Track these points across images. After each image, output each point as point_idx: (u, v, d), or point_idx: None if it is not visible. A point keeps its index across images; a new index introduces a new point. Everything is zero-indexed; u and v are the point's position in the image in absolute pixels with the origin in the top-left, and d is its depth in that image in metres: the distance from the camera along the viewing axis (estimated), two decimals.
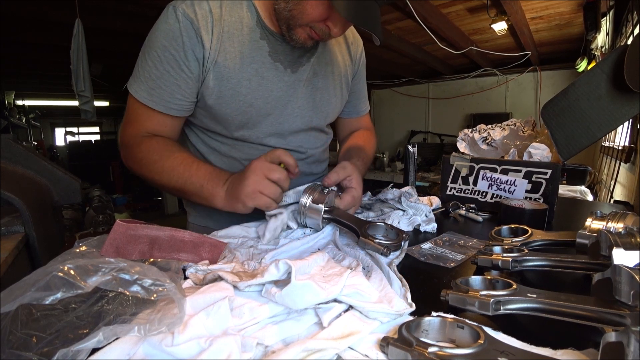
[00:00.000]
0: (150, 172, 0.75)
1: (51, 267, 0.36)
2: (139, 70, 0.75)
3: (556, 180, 0.87)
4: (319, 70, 0.88)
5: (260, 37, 0.77)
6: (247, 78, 0.77)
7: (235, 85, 0.76)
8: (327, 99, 0.91)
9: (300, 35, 0.73)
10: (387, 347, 0.33)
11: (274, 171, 0.65)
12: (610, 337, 0.28)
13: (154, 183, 0.77)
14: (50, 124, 9.63)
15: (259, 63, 0.78)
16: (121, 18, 3.05)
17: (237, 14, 0.75)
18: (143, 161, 0.76)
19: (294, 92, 0.84)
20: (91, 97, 2.89)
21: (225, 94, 0.77)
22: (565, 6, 3.02)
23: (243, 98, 0.78)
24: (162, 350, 0.34)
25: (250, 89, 0.78)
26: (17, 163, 1.21)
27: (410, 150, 1.14)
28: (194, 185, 0.71)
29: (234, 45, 0.75)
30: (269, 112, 0.82)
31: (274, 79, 0.80)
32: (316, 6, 0.68)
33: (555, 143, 0.87)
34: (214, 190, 0.70)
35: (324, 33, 0.72)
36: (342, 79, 0.95)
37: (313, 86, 0.87)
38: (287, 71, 0.81)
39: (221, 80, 0.75)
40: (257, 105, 0.80)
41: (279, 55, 0.80)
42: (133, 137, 0.79)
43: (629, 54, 0.76)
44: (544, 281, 0.54)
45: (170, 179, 0.73)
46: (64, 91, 6.34)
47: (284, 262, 0.43)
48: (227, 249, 0.61)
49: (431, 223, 0.78)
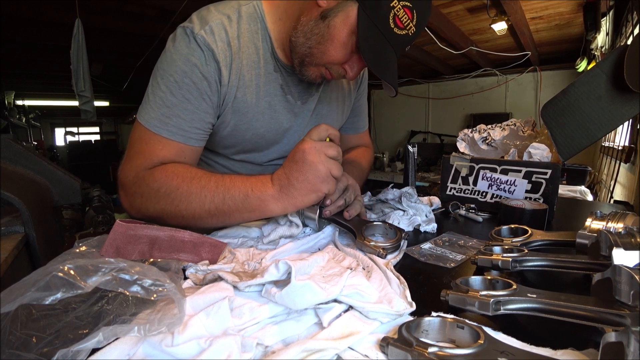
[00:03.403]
0: (172, 201, 0.62)
1: (51, 267, 0.36)
2: (150, 97, 0.67)
3: (556, 180, 0.87)
4: (324, 97, 0.87)
5: (274, 69, 0.75)
6: (261, 112, 0.76)
7: (251, 119, 0.75)
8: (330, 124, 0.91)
9: (313, 73, 0.71)
10: (387, 347, 0.33)
11: (331, 147, 0.60)
12: (610, 337, 0.28)
13: (179, 215, 0.62)
14: (50, 124, 9.63)
15: (271, 96, 0.76)
16: (121, 18, 3.05)
17: (254, 45, 0.72)
18: (161, 191, 0.62)
19: (301, 122, 0.84)
20: (91, 97, 2.90)
21: (241, 127, 0.75)
22: (565, 6, 3.02)
23: (256, 131, 0.77)
24: (162, 350, 0.34)
25: (263, 122, 0.77)
26: (17, 163, 1.21)
27: (410, 150, 1.14)
28: (236, 199, 0.60)
29: (252, 79, 0.72)
30: (277, 141, 0.83)
31: (283, 110, 0.79)
32: (340, 49, 0.66)
33: (555, 143, 0.87)
34: (264, 195, 0.60)
35: (339, 75, 0.70)
36: (344, 102, 0.95)
37: (318, 114, 0.87)
38: (297, 103, 0.81)
39: (238, 114, 0.73)
40: (268, 137, 0.80)
41: (290, 88, 0.78)
42: (142, 169, 0.66)
43: (628, 54, 0.76)
44: (544, 281, 0.54)
45: (203, 201, 0.61)
46: (64, 91, 6.34)
47: (284, 262, 0.43)
48: (227, 249, 0.61)
49: (431, 223, 0.78)
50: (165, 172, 0.63)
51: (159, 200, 0.62)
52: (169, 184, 0.62)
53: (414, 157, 1.14)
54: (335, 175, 0.60)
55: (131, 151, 0.68)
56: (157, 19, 3.08)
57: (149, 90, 0.68)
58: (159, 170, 0.64)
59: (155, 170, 0.65)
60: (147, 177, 0.64)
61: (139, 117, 0.68)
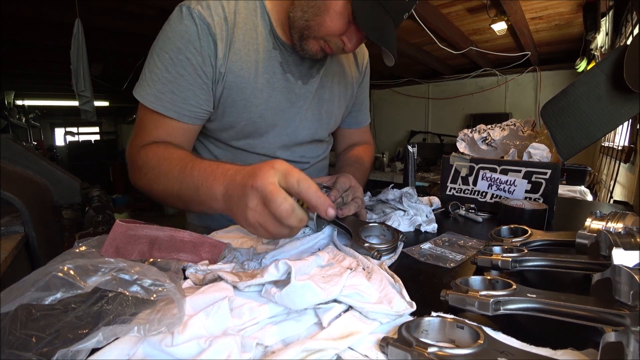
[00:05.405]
0: (148, 180, 0.65)
1: (51, 267, 0.36)
2: (146, 74, 0.69)
3: (556, 180, 0.87)
4: (326, 82, 0.87)
5: (273, 47, 0.75)
6: (260, 89, 0.75)
7: (249, 96, 0.75)
8: (332, 111, 0.91)
9: (313, 47, 0.71)
10: (387, 347, 0.33)
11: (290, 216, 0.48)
12: (610, 337, 0.28)
13: (154, 194, 0.66)
14: (50, 124, 9.61)
15: (270, 73, 0.76)
16: (121, 18, 3.05)
17: (252, 22, 0.73)
18: (142, 169, 0.66)
19: (302, 104, 0.83)
20: (91, 97, 2.90)
21: (238, 104, 0.75)
22: (565, 6, 3.02)
23: (255, 109, 0.76)
24: (161, 350, 0.34)
25: (262, 99, 0.76)
26: (17, 163, 1.21)
27: (410, 150, 1.14)
28: (190, 189, 0.58)
29: (250, 54, 0.73)
30: (277, 123, 0.81)
31: (283, 90, 0.79)
32: (336, 20, 0.66)
33: (555, 143, 0.87)
34: (211, 192, 0.55)
35: (338, 47, 0.70)
36: (347, 90, 0.94)
37: (320, 98, 0.86)
38: (297, 83, 0.80)
39: (236, 90, 0.73)
40: (267, 117, 0.79)
41: (290, 66, 0.78)
42: (136, 147, 0.71)
43: (628, 54, 0.76)
44: (544, 281, 0.54)
45: (167, 184, 0.61)
46: (64, 91, 6.34)
47: (284, 262, 0.43)
48: (227, 249, 0.61)
49: (432, 223, 0.78)
50: (149, 152, 0.68)
51: (141, 177, 0.67)
52: (149, 163, 0.66)
53: (414, 157, 1.14)
54: (269, 233, 0.49)
55: (135, 129, 0.74)
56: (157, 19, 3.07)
57: (145, 68, 0.70)
58: (146, 148, 0.69)
59: (144, 148, 0.69)
60: (138, 155, 0.69)
61: (135, 94, 0.71)
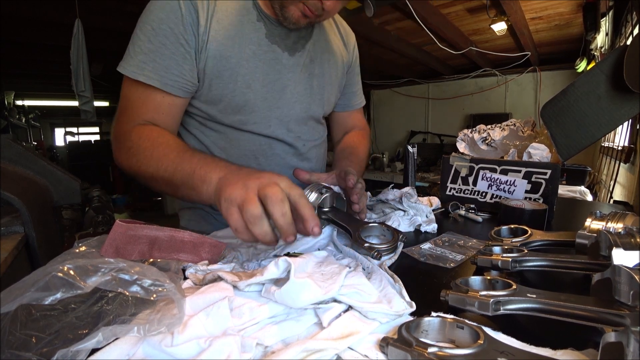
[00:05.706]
0: (138, 161, 0.66)
1: (51, 267, 0.36)
2: (130, 47, 0.70)
3: (556, 181, 0.87)
4: (316, 57, 0.87)
5: (257, 19, 0.77)
6: (246, 59, 0.76)
7: (234, 65, 0.75)
8: (324, 86, 0.91)
9: (294, 12, 0.72)
10: (387, 347, 0.33)
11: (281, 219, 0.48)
12: (610, 337, 0.28)
13: (142, 175, 0.67)
14: (50, 124, 9.60)
15: (256, 45, 0.77)
16: (121, 18, 3.05)
17: None
18: (132, 150, 0.67)
19: (292, 77, 0.83)
20: (91, 97, 2.90)
21: (224, 74, 0.75)
22: (564, 6, 3.02)
23: (241, 79, 0.77)
24: (161, 350, 0.34)
25: (248, 69, 0.77)
26: (17, 163, 1.21)
27: (410, 150, 1.14)
28: (184, 172, 0.59)
29: (234, 24, 0.74)
30: (266, 96, 0.81)
31: (271, 61, 0.80)
32: None
33: (555, 143, 0.87)
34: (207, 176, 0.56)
35: (317, 8, 0.71)
36: (337, 68, 0.95)
37: (310, 72, 0.87)
38: (284, 54, 0.81)
39: (220, 60, 0.74)
40: (255, 88, 0.79)
41: (275, 38, 0.79)
42: (125, 126, 0.71)
43: (628, 54, 0.76)
44: (544, 281, 0.54)
45: (159, 167, 0.63)
46: (64, 91, 6.34)
47: (284, 259, 0.43)
48: (227, 249, 0.61)
49: (432, 223, 0.78)
50: (141, 133, 0.69)
51: (129, 158, 0.68)
52: (141, 145, 0.67)
53: (414, 158, 1.14)
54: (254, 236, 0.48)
55: (119, 108, 0.74)
56: None
57: (129, 43, 0.71)
58: (137, 129, 0.69)
59: (134, 129, 0.70)
60: (125, 136, 0.70)
61: (119, 69, 0.71)
